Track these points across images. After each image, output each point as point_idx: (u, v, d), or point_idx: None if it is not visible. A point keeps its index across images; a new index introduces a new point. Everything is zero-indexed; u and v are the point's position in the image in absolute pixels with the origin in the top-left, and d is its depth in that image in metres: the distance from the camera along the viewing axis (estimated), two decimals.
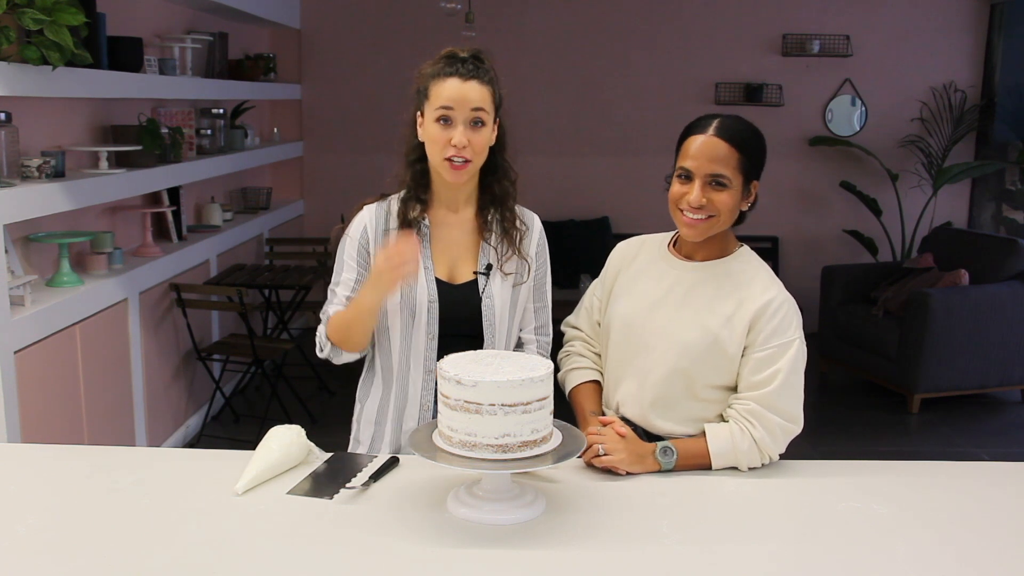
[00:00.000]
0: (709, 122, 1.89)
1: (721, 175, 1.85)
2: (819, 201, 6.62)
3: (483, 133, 1.93)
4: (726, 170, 1.85)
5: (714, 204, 1.86)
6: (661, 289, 1.97)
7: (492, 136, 1.97)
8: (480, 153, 1.94)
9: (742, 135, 1.87)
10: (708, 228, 1.89)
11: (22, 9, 2.88)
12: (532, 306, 2.11)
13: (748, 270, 1.93)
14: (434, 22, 5.94)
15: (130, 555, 1.51)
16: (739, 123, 1.90)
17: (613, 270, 2.10)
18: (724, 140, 1.85)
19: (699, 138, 1.87)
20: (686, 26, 6.60)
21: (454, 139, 1.90)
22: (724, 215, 1.88)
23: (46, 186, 3.24)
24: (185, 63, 4.83)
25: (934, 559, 1.56)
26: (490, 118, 1.94)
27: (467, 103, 1.90)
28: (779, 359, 1.85)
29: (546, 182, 6.59)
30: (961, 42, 6.56)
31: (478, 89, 1.91)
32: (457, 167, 1.93)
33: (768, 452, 1.87)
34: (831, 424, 4.95)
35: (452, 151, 1.91)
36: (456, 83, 1.90)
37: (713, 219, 1.88)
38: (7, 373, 2.93)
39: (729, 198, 1.86)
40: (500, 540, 1.57)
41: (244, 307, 4.39)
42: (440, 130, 1.92)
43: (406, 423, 2.04)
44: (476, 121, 1.91)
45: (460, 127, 1.90)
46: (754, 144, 1.89)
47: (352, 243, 2.03)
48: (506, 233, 2.04)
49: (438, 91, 1.91)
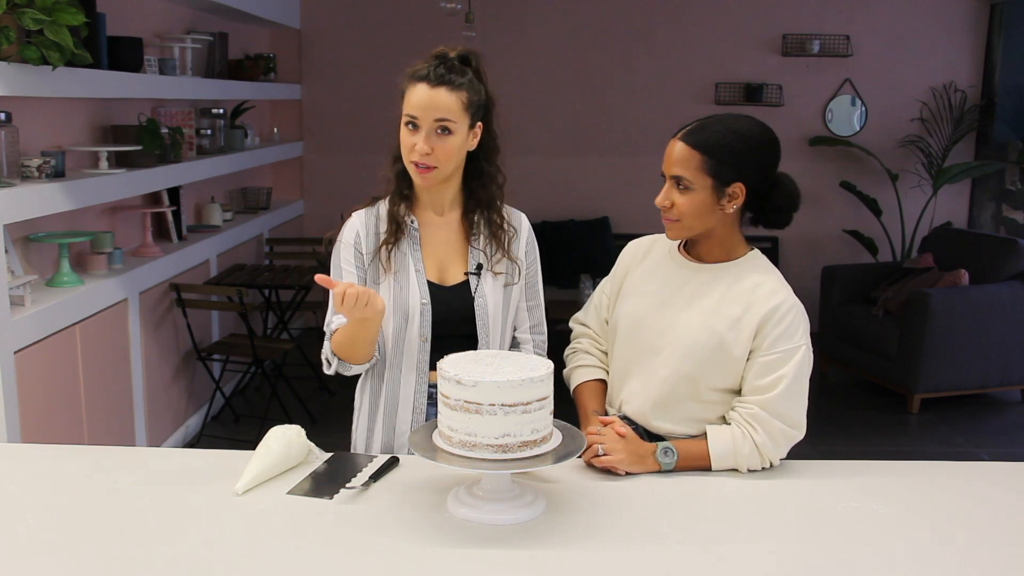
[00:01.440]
0: (687, 126, 1.91)
1: (680, 177, 1.87)
2: (819, 201, 6.62)
3: (449, 141, 1.92)
4: (686, 172, 1.86)
5: (677, 207, 1.88)
6: (669, 290, 1.97)
7: (469, 141, 1.96)
8: (446, 160, 1.93)
9: (712, 138, 1.86)
10: (679, 229, 1.91)
11: (22, 9, 2.88)
12: (525, 305, 2.12)
13: (757, 273, 1.93)
14: (434, 22, 5.94)
15: (130, 555, 1.51)
16: (719, 125, 1.88)
17: (623, 268, 2.10)
18: (687, 143, 1.87)
19: (672, 142, 1.90)
20: (686, 26, 6.60)
21: (416, 145, 1.91)
22: (688, 219, 1.88)
23: (46, 186, 3.24)
24: (185, 63, 4.83)
25: (934, 559, 1.56)
26: (460, 126, 1.92)
27: (432, 111, 1.89)
28: (784, 364, 1.85)
29: (546, 182, 6.59)
30: (961, 42, 6.56)
31: (445, 97, 1.89)
32: (422, 171, 1.93)
33: (769, 457, 1.87)
34: (831, 424, 4.95)
35: (416, 156, 1.92)
36: (424, 89, 1.90)
37: (679, 222, 1.89)
38: (7, 373, 2.93)
39: (689, 201, 1.87)
40: (500, 540, 1.57)
41: (244, 307, 4.39)
42: (407, 135, 1.93)
43: (399, 426, 2.04)
44: (442, 129, 1.91)
45: (423, 134, 1.90)
46: (731, 146, 1.85)
47: (347, 248, 2.03)
48: (494, 236, 2.04)
49: (408, 96, 1.92)
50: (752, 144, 1.88)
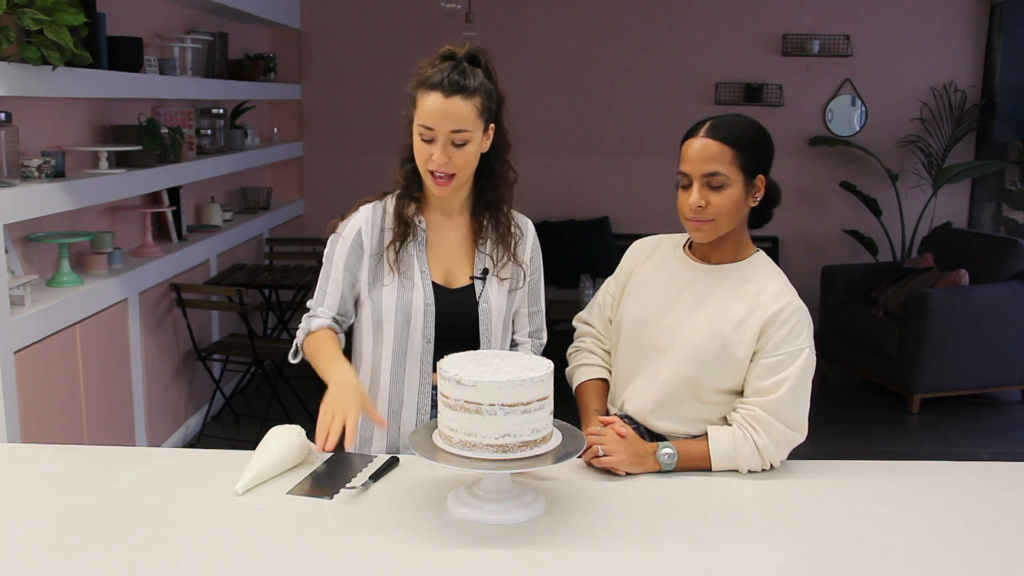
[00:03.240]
0: (702, 125, 1.90)
1: (716, 173, 1.85)
2: (819, 201, 6.62)
3: (466, 150, 1.90)
4: (721, 167, 1.85)
5: (713, 206, 1.86)
6: (674, 290, 1.96)
7: (483, 144, 1.95)
8: (464, 168, 1.93)
9: (736, 131, 1.87)
10: (714, 229, 1.88)
11: (22, 9, 2.88)
12: (526, 311, 2.11)
13: (762, 275, 1.93)
14: (434, 22, 5.94)
15: (130, 555, 1.51)
16: (734, 120, 1.89)
17: (628, 268, 2.09)
18: (716, 139, 1.85)
19: (693, 142, 1.88)
20: (686, 26, 6.59)
21: (434, 155, 1.89)
22: (724, 216, 1.87)
23: (46, 186, 3.24)
24: (185, 63, 4.82)
25: (934, 559, 1.56)
26: (476, 134, 1.90)
27: (447, 122, 1.86)
28: (787, 367, 1.85)
29: (546, 182, 6.59)
30: (961, 42, 6.56)
31: (460, 106, 1.86)
32: (440, 182, 1.92)
33: (770, 459, 1.87)
34: (831, 424, 4.95)
35: (433, 166, 1.90)
36: (438, 99, 1.86)
37: (715, 222, 1.87)
38: (7, 373, 2.93)
39: (727, 199, 1.86)
40: (500, 540, 1.57)
41: (244, 307, 4.39)
42: (423, 145, 1.91)
43: (404, 426, 2.03)
44: (457, 142, 1.89)
45: (440, 146, 1.88)
46: (751, 139, 1.87)
47: (344, 244, 2.02)
48: (501, 239, 2.03)
49: (422, 105, 1.89)
50: (764, 136, 1.92)
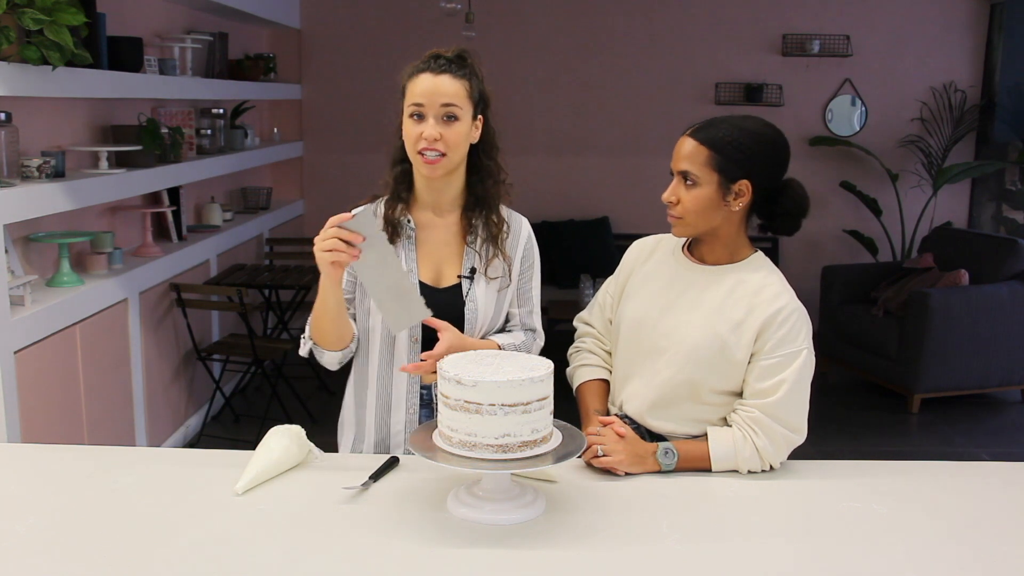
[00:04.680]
0: (696, 124, 1.91)
1: (687, 172, 1.87)
2: (819, 201, 6.61)
3: (456, 127, 1.91)
4: (692, 167, 1.86)
5: (682, 204, 1.88)
6: (673, 291, 1.96)
7: (472, 132, 1.96)
8: (455, 147, 1.93)
9: (720, 133, 1.86)
10: (683, 226, 1.91)
11: (22, 9, 2.88)
12: (517, 311, 2.10)
13: (760, 276, 1.92)
14: (434, 22, 5.94)
15: (130, 555, 1.51)
16: (728, 123, 1.89)
17: (627, 268, 2.10)
18: (695, 139, 1.87)
19: (681, 139, 1.91)
20: (686, 26, 6.60)
21: (424, 132, 1.90)
22: (692, 215, 1.88)
23: (46, 186, 3.24)
24: (185, 63, 4.82)
25: (934, 559, 1.56)
26: (465, 113, 1.92)
27: (437, 97, 1.90)
28: (785, 368, 1.85)
29: (546, 182, 6.59)
30: (961, 42, 6.56)
31: (450, 83, 1.91)
32: (429, 161, 1.91)
33: (769, 460, 1.87)
34: (831, 424, 4.95)
35: (424, 144, 1.90)
36: (427, 77, 1.91)
37: (683, 219, 1.89)
38: (7, 373, 2.93)
39: (694, 199, 1.87)
40: (500, 540, 1.57)
41: (244, 307, 4.39)
42: (413, 125, 1.92)
43: (393, 427, 2.04)
44: (448, 116, 1.90)
45: (431, 120, 1.90)
46: (736, 143, 1.85)
47: None
48: (491, 236, 2.03)
49: (411, 88, 1.92)
50: (759, 142, 1.88)
